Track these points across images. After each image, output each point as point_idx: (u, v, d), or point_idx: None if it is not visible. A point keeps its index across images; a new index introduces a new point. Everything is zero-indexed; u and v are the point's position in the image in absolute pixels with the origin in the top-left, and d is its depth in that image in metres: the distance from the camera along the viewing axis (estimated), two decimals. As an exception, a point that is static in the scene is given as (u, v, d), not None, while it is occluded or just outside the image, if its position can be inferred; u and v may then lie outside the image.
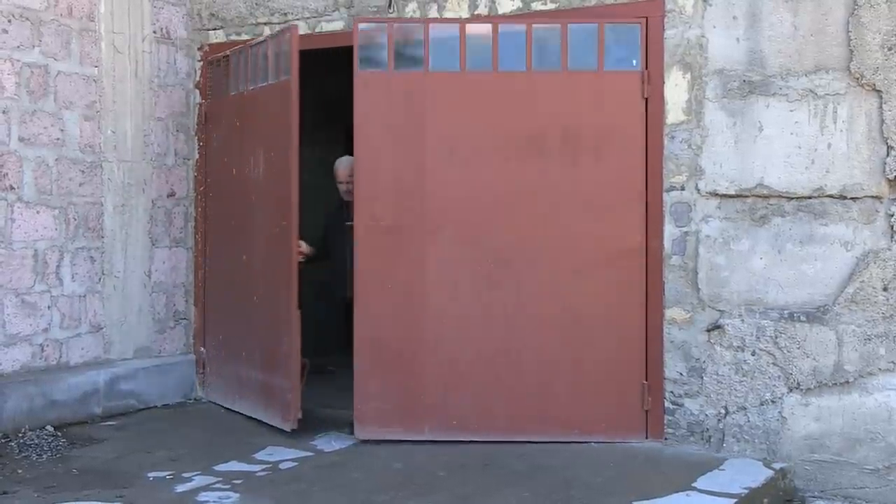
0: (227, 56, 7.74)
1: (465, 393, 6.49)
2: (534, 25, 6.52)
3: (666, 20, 6.38)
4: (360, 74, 6.53)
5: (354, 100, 6.49)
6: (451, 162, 6.47)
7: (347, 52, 8.22)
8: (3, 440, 6.56)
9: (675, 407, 6.38)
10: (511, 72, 6.51)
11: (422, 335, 6.50)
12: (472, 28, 6.58)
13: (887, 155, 5.78)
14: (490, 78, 6.51)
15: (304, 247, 6.91)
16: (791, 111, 6.02)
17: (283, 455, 6.30)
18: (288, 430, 6.68)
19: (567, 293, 6.44)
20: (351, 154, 6.74)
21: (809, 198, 5.99)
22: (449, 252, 6.48)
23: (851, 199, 5.88)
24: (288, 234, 6.72)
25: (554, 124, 6.44)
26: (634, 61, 6.46)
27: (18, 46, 6.97)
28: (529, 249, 6.46)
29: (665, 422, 6.41)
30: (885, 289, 5.79)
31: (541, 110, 6.45)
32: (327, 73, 10.24)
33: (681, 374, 6.36)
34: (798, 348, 6.01)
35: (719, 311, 6.24)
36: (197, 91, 8.28)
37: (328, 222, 7.25)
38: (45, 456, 6.36)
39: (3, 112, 6.88)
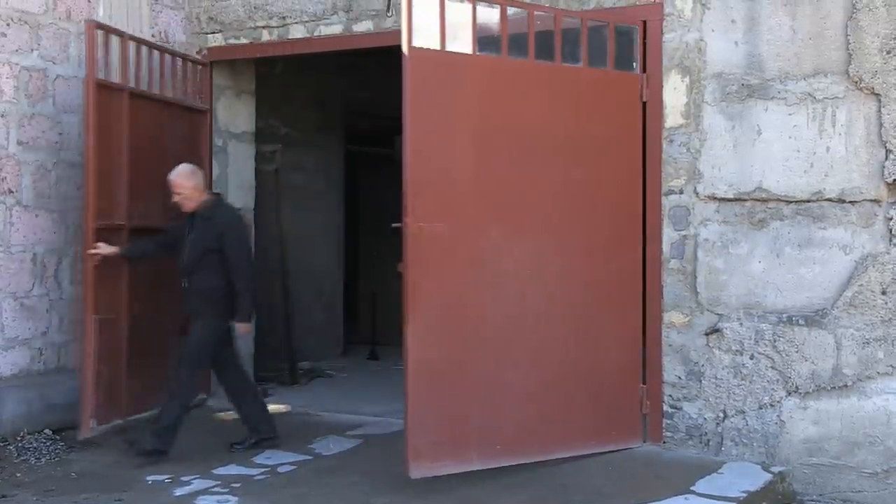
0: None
1: (505, 411, 5.94)
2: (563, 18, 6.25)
3: (664, 24, 6.38)
4: (414, 52, 5.66)
5: (405, 80, 5.64)
6: (490, 156, 5.94)
7: (346, 55, 8.26)
8: (1, 444, 6.56)
9: (673, 411, 6.38)
10: (545, 62, 6.12)
11: (466, 351, 5.81)
12: (510, 12, 6.10)
13: (886, 158, 5.77)
14: (527, 67, 6.08)
15: (103, 247, 6.65)
16: (790, 115, 6.02)
17: (282, 458, 6.29)
18: (79, 439, 6.56)
19: (578, 296, 6.22)
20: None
21: (808, 201, 5.99)
22: (490, 256, 5.91)
23: (850, 202, 5.88)
24: (86, 237, 6.71)
25: (571, 122, 6.20)
26: (634, 64, 6.45)
27: (17, 50, 6.96)
28: (554, 251, 6.13)
29: (663, 425, 6.40)
30: (883, 292, 5.79)
31: (562, 107, 6.17)
32: (326, 76, 10.30)
33: (679, 377, 6.36)
34: (796, 352, 6.00)
35: (718, 314, 6.24)
36: (196, 94, 8.29)
37: (169, 228, 6.85)
38: (43, 459, 6.36)
39: (2, 115, 6.88)
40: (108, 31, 7.00)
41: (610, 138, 6.33)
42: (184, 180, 6.49)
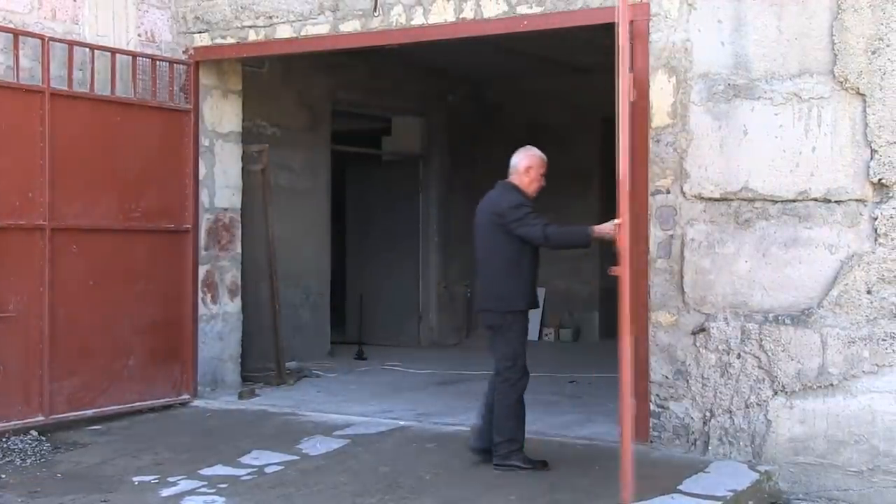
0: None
1: None
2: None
3: (651, 24, 6.38)
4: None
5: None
6: None
7: (333, 54, 8.25)
8: (-14, 445, 6.54)
9: (660, 410, 6.39)
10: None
11: None
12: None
13: (871, 158, 5.79)
14: None
15: None
16: (776, 115, 6.04)
17: (269, 459, 6.27)
18: None
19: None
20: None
21: (794, 201, 6.00)
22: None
23: (835, 202, 5.89)
24: None
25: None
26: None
27: (2, 49, 6.93)
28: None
29: (650, 425, 6.40)
30: (868, 291, 5.81)
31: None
32: (312, 76, 10.28)
33: (666, 376, 6.36)
34: (783, 351, 6.02)
35: (704, 314, 6.24)
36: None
37: None
38: (29, 461, 6.33)
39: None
40: (19, 33, 6.98)
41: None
42: None
